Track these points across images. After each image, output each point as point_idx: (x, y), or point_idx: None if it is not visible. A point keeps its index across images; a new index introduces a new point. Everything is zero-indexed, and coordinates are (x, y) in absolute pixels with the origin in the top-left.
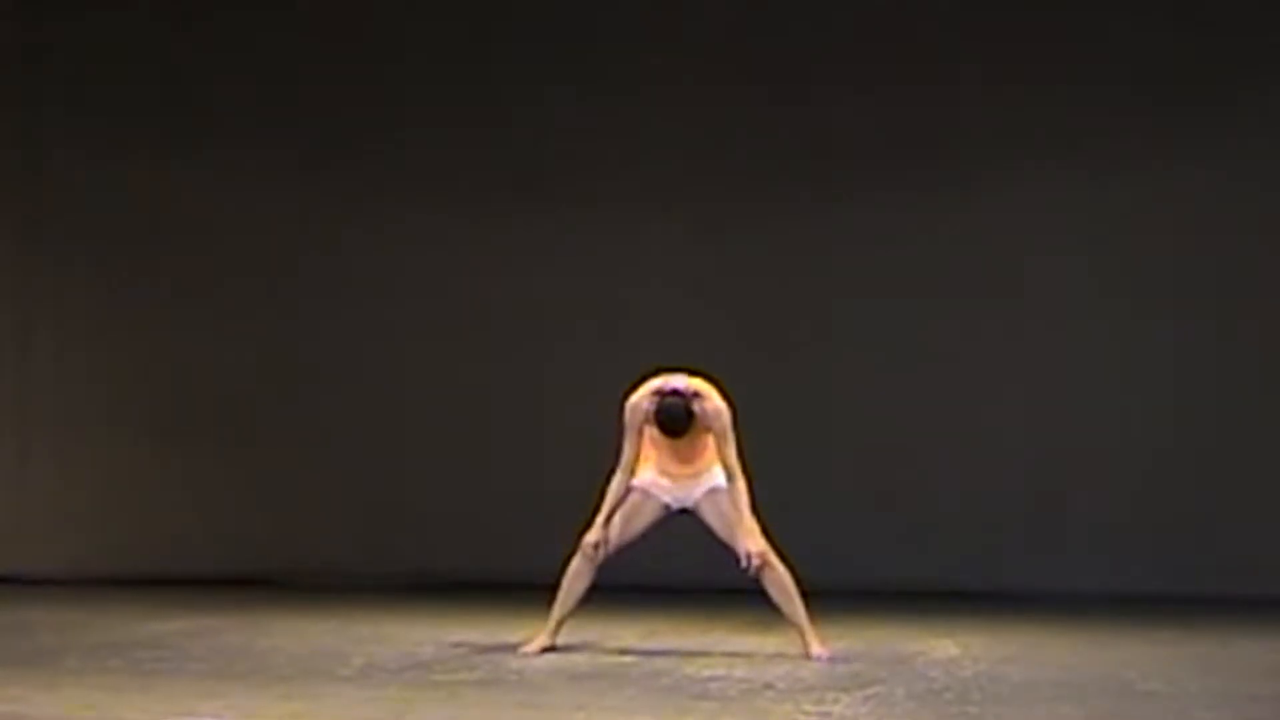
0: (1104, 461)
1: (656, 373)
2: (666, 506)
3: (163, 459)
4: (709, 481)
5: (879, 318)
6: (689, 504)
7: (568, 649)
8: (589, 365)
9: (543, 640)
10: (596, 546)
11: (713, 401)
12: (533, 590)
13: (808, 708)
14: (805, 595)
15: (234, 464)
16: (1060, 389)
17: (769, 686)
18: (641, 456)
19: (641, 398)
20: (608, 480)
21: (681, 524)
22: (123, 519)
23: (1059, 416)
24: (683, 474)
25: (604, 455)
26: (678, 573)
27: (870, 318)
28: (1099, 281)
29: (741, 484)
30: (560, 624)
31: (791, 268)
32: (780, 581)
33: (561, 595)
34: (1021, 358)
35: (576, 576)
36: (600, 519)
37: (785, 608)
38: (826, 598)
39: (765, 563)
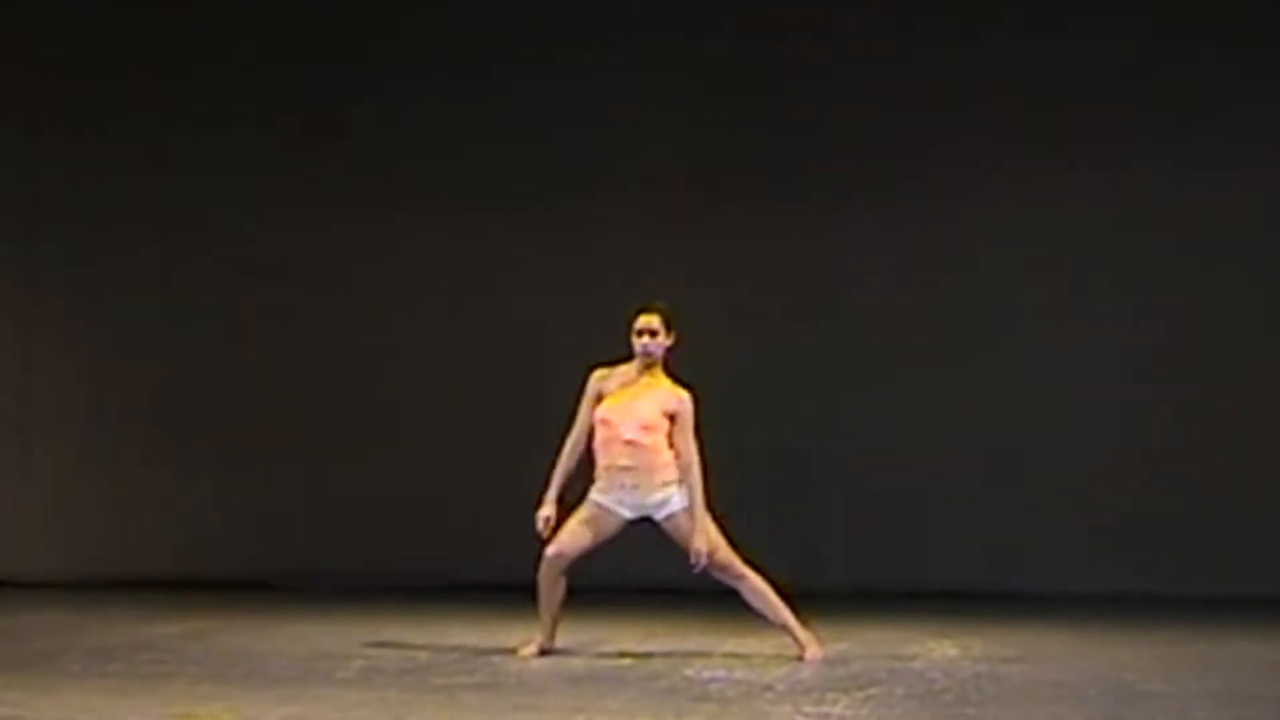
0: (1104, 462)
1: (629, 357)
2: (626, 521)
3: (161, 464)
4: (668, 504)
5: (878, 319)
6: (652, 515)
7: (566, 651)
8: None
9: (541, 642)
10: (558, 557)
11: (680, 391)
12: (531, 593)
13: (807, 709)
14: (789, 598)
15: (232, 469)
16: (1060, 390)
17: (768, 688)
18: (596, 433)
19: (602, 370)
20: (558, 453)
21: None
22: (122, 523)
23: (1058, 417)
24: (637, 442)
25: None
26: (676, 574)
27: (869, 319)
28: (1099, 282)
29: (697, 474)
30: (554, 625)
31: (790, 269)
32: (756, 590)
33: (543, 601)
34: (1021, 358)
35: (550, 583)
36: (547, 506)
37: (769, 614)
38: (825, 599)
39: (713, 563)
